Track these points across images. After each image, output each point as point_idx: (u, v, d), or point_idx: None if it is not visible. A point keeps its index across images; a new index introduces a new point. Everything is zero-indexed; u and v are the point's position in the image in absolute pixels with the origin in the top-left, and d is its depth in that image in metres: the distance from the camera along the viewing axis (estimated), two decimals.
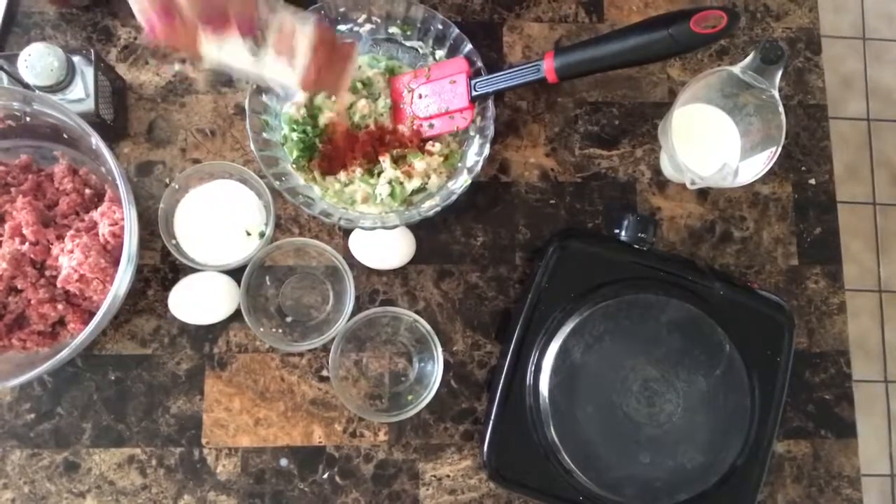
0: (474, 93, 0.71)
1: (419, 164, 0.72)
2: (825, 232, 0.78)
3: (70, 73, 0.66)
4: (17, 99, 0.65)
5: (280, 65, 0.60)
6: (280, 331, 0.72)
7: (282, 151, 0.72)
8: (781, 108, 0.66)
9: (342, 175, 0.72)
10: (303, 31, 0.59)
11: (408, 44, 0.75)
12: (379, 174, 0.72)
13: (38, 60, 0.64)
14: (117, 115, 0.73)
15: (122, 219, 0.65)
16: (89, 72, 0.68)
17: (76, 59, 0.68)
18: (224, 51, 0.56)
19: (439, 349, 0.70)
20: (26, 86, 0.67)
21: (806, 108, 0.80)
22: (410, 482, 0.71)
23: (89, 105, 0.68)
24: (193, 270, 0.71)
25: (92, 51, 0.69)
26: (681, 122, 0.70)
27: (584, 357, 0.66)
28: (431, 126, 0.73)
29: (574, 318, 0.67)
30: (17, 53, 0.65)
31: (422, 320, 0.70)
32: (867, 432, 1.52)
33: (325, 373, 0.72)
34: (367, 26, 0.73)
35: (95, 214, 0.68)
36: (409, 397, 0.71)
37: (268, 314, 0.72)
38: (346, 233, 0.74)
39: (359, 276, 0.73)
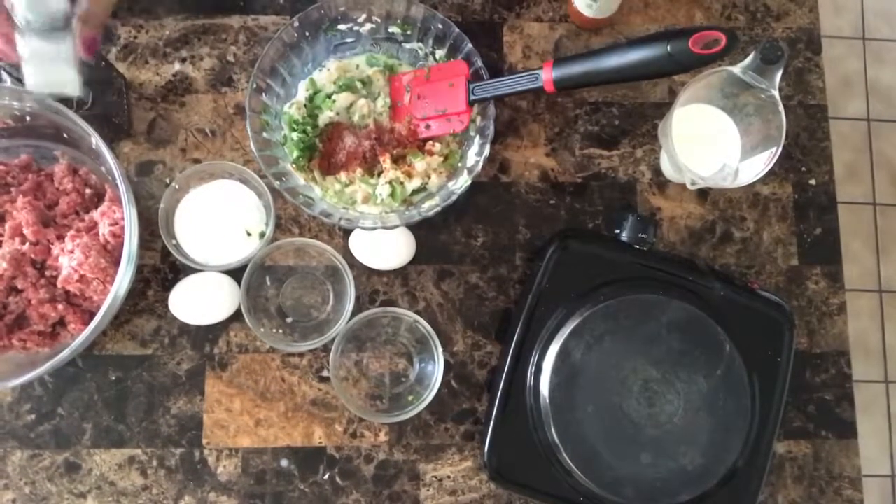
0: (472, 97, 0.70)
1: (419, 163, 0.72)
2: (825, 232, 0.78)
3: (68, 14, 0.64)
4: (17, 98, 0.65)
5: None
6: (280, 331, 0.72)
7: (282, 151, 0.72)
8: (781, 109, 0.66)
9: (342, 175, 0.72)
10: None
11: (407, 46, 0.75)
12: (379, 174, 0.72)
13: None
14: (120, 111, 0.73)
15: (123, 219, 0.65)
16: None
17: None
18: None
19: (440, 349, 0.70)
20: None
21: (806, 108, 0.80)
22: (411, 483, 0.71)
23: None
24: (194, 270, 0.71)
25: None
26: (681, 123, 0.70)
27: (584, 357, 0.66)
28: (428, 127, 0.73)
29: (574, 319, 0.67)
30: None
31: (422, 321, 0.70)
32: (868, 433, 1.52)
33: (325, 373, 0.72)
34: (368, 26, 0.73)
35: (95, 214, 0.68)
36: (410, 398, 0.71)
37: (268, 314, 0.72)
38: (347, 233, 0.74)
39: (359, 277, 0.73)
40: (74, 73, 0.62)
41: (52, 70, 0.61)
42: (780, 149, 0.67)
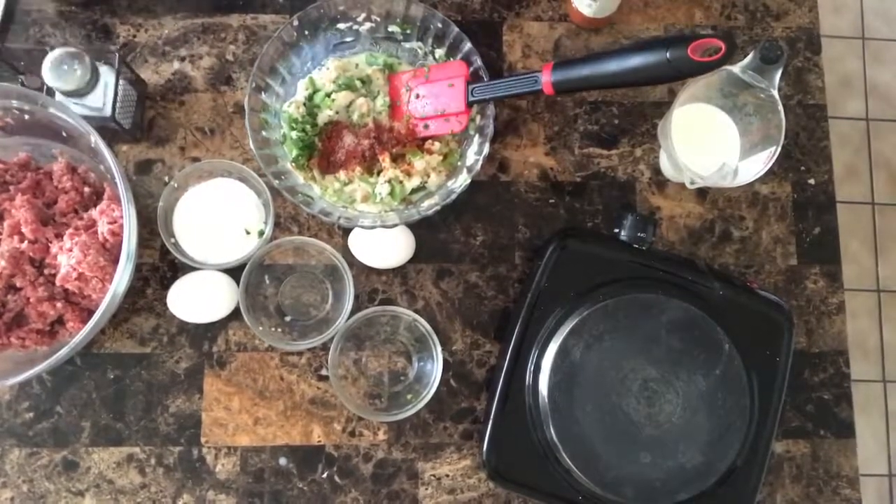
0: (471, 98, 0.70)
1: (419, 162, 0.71)
2: (824, 232, 0.78)
3: (94, 79, 0.66)
4: (16, 97, 0.65)
5: None
6: (279, 330, 0.72)
7: (281, 150, 0.72)
8: (781, 108, 0.66)
9: (341, 174, 0.72)
10: None
11: (407, 45, 0.75)
12: (378, 173, 0.72)
13: (63, 66, 0.65)
14: (135, 120, 0.73)
15: (121, 217, 0.65)
16: (111, 78, 0.68)
17: (101, 65, 0.68)
18: None
19: (438, 348, 0.70)
20: (48, 90, 0.67)
21: (805, 107, 0.80)
22: (410, 481, 0.71)
23: (106, 112, 0.68)
24: (192, 269, 0.71)
25: (116, 56, 0.69)
26: (680, 122, 0.70)
27: (583, 356, 0.66)
28: (427, 126, 0.73)
29: (573, 318, 0.67)
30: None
31: (421, 319, 0.70)
32: (865, 432, 1.52)
33: (324, 372, 0.72)
34: (367, 25, 0.73)
35: (94, 213, 0.68)
36: (409, 396, 0.71)
37: (267, 313, 0.72)
38: (346, 231, 0.74)
39: (358, 275, 0.73)
40: (110, 106, 0.68)
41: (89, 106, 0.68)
42: (780, 148, 0.67)
